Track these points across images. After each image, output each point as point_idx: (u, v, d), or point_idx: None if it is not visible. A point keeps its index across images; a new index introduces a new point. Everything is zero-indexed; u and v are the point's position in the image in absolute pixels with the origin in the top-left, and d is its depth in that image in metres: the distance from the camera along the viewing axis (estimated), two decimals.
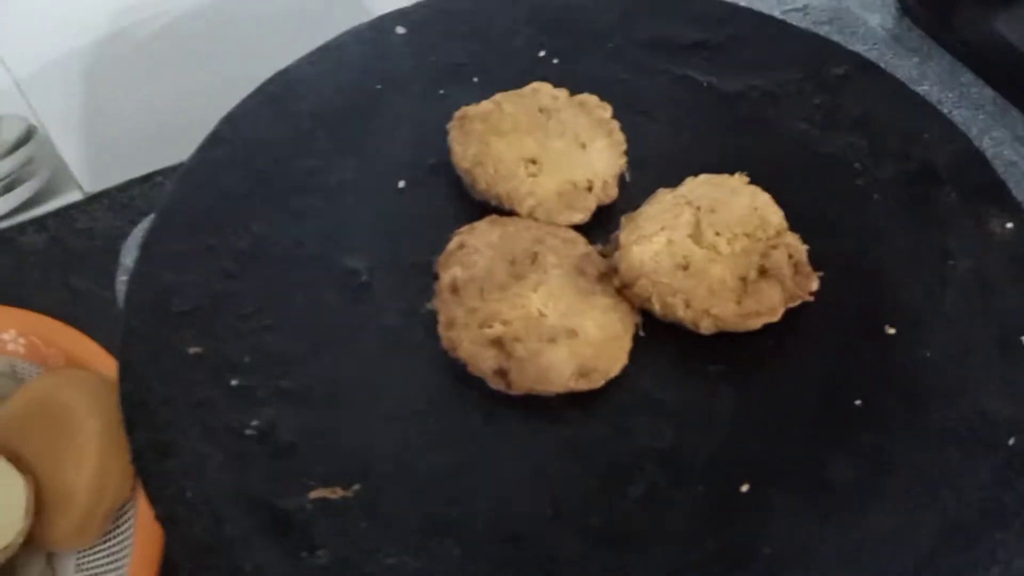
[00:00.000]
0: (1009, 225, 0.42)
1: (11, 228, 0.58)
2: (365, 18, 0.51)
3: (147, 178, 0.61)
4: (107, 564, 0.41)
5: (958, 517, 0.34)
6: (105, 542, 0.41)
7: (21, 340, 0.46)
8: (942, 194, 0.44)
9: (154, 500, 0.34)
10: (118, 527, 0.41)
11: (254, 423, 0.37)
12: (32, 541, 0.39)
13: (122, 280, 0.48)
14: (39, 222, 0.58)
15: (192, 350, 0.38)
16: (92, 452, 0.40)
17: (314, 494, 0.35)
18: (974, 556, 0.33)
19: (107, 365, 0.43)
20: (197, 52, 0.62)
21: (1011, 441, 0.36)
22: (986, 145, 0.49)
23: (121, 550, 0.40)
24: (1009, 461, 0.35)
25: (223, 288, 0.40)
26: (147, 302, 0.39)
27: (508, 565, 0.34)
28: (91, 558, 0.41)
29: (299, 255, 0.42)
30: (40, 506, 0.39)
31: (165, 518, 0.34)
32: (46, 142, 0.60)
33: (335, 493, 0.35)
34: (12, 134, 0.58)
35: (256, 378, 0.38)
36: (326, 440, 0.37)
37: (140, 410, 0.36)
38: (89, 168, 0.62)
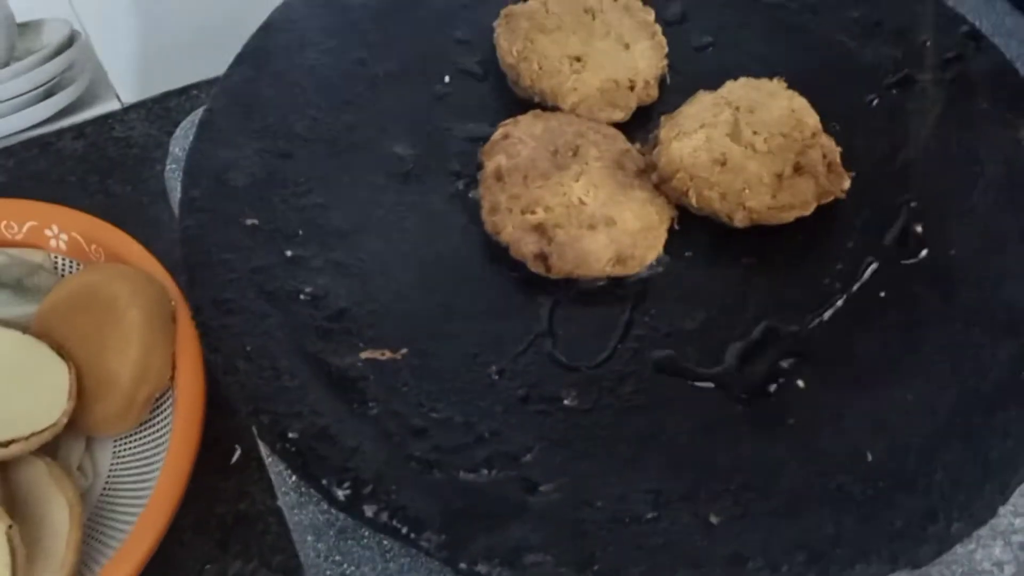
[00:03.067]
0: None
1: (50, 133, 0.59)
2: None
3: (184, 90, 0.62)
4: (143, 452, 0.42)
5: (976, 392, 0.36)
6: (142, 431, 0.42)
7: (64, 236, 0.47)
8: (974, 102, 0.45)
9: (215, 352, 0.36)
10: (156, 417, 0.42)
11: (308, 289, 0.38)
12: (74, 425, 0.40)
13: (171, 168, 0.49)
14: (77, 129, 0.59)
15: (248, 221, 0.40)
16: (135, 340, 0.40)
17: (364, 355, 0.37)
18: (989, 428, 0.35)
19: (147, 263, 0.44)
20: None
21: None
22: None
23: (158, 440, 0.42)
24: None
25: (278, 166, 0.42)
26: (205, 175, 0.41)
27: (544, 424, 0.36)
28: (128, 446, 0.42)
29: (349, 140, 0.44)
30: (82, 391, 0.40)
31: (226, 369, 0.36)
32: (87, 49, 0.61)
33: (384, 355, 0.37)
34: (55, 38, 0.59)
35: (309, 249, 0.40)
36: (375, 307, 0.38)
37: (200, 271, 0.38)
38: (128, 77, 0.63)
